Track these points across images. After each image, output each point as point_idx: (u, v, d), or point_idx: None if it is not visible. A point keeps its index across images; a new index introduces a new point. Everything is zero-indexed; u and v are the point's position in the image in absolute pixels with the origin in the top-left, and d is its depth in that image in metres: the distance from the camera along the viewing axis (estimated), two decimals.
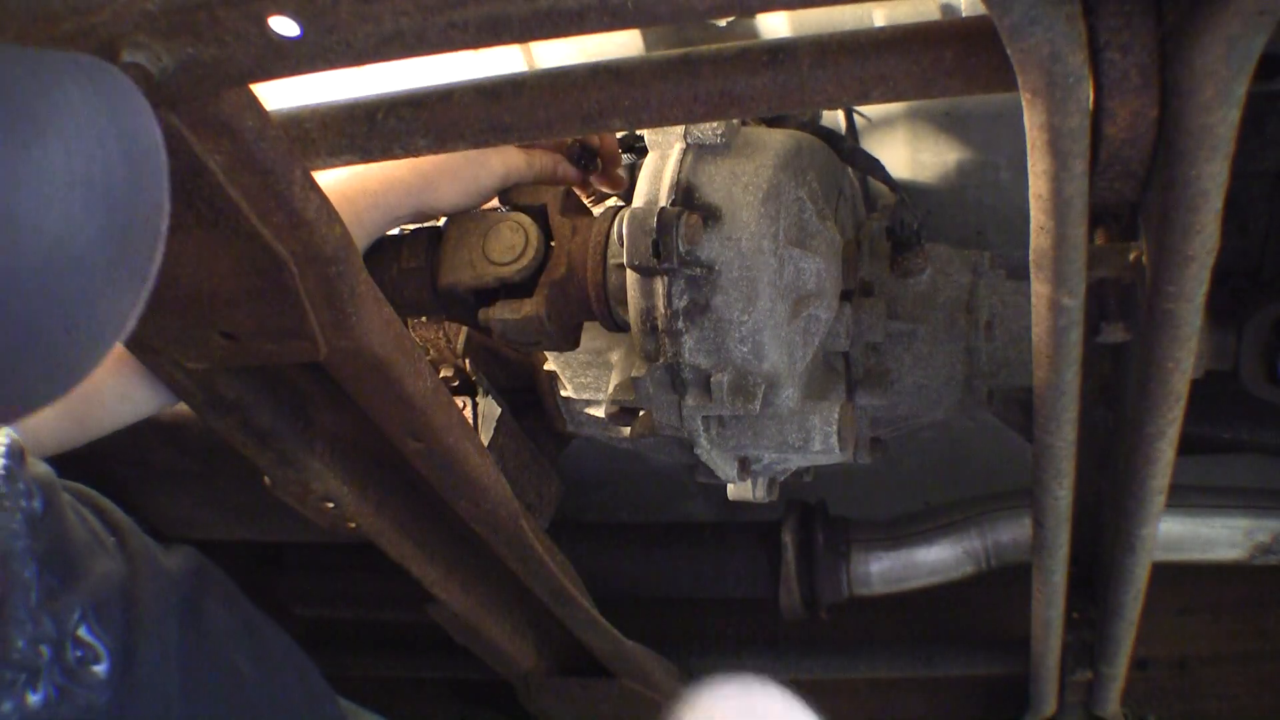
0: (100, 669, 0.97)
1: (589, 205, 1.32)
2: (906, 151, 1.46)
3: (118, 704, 0.96)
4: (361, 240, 1.23)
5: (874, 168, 1.39)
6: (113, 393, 1.12)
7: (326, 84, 0.93)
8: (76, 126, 0.59)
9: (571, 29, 0.71)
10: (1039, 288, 0.87)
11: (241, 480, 1.32)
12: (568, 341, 1.22)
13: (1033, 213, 0.81)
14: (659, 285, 1.12)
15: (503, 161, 1.22)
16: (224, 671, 1.11)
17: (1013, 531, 1.71)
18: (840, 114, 1.39)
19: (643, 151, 1.24)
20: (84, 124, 0.59)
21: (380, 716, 1.57)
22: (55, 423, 1.11)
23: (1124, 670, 1.59)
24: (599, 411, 1.33)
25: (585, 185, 1.32)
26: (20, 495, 0.94)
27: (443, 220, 1.29)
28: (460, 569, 1.42)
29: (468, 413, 1.38)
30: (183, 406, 1.14)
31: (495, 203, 1.29)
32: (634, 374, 1.18)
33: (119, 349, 1.02)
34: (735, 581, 1.85)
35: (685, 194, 1.13)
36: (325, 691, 1.28)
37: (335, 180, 1.13)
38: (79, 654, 0.96)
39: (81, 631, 0.97)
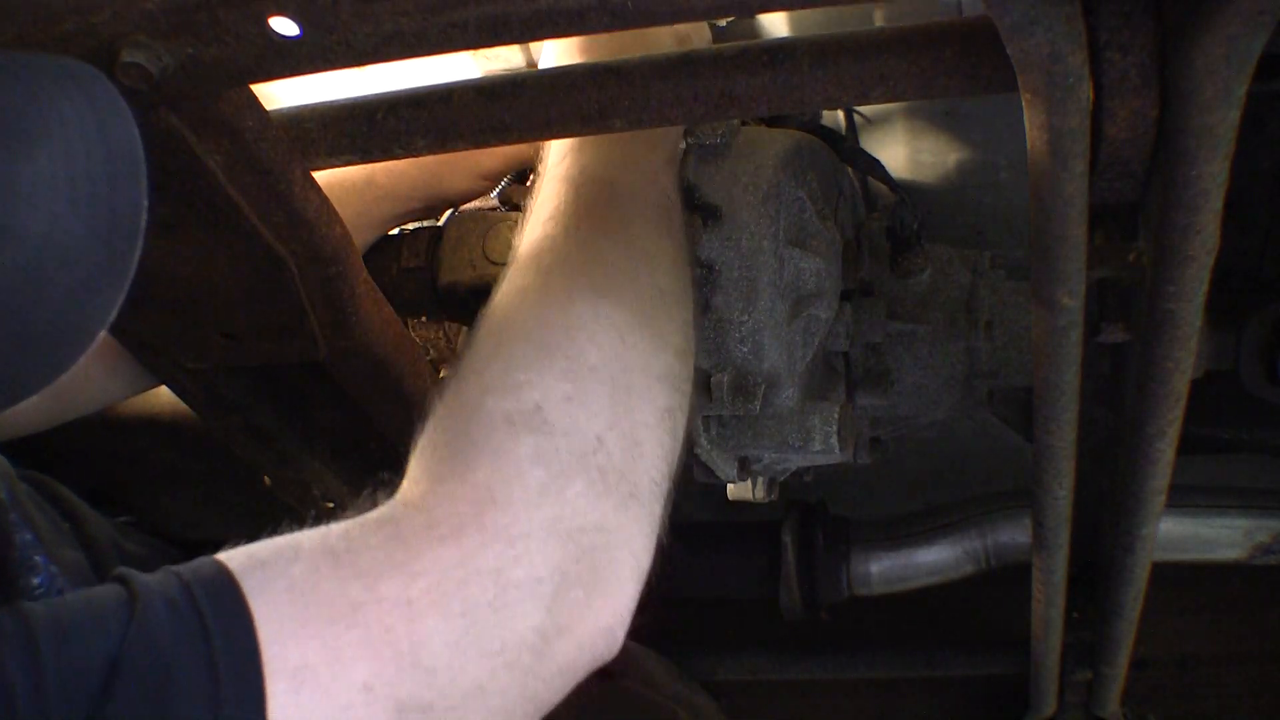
0: None
1: None
2: (906, 151, 1.45)
3: None
4: (371, 232, 1.24)
5: (874, 168, 1.39)
6: (100, 369, 1.13)
7: (327, 84, 0.93)
8: (66, 138, 0.63)
9: (571, 29, 0.71)
10: (1039, 288, 0.87)
11: (241, 480, 1.32)
12: None
13: (1033, 213, 0.81)
14: None
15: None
16: None
17: (1013, 531, 1.71)
18: (840, 114, 1.39)
19: None
20: (73, 135, 0.64)
21: None
22: (38, 400, 1.11)
23: (1124, 670, 1.59)
24: None
25: None
26: None
27: (443, 220, 1.29)
28: None
29: None
30: (183, 406, 1.14)
31: (495, 202, 1.29)
32: None
33: None
34: (735, 581, 1.85)
35: (685, 194, 1.13)
36: None
37: (343, 173, 1.14)
38: None
39: None
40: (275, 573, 0.72)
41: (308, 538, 0.77)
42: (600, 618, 0.83)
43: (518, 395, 0.84)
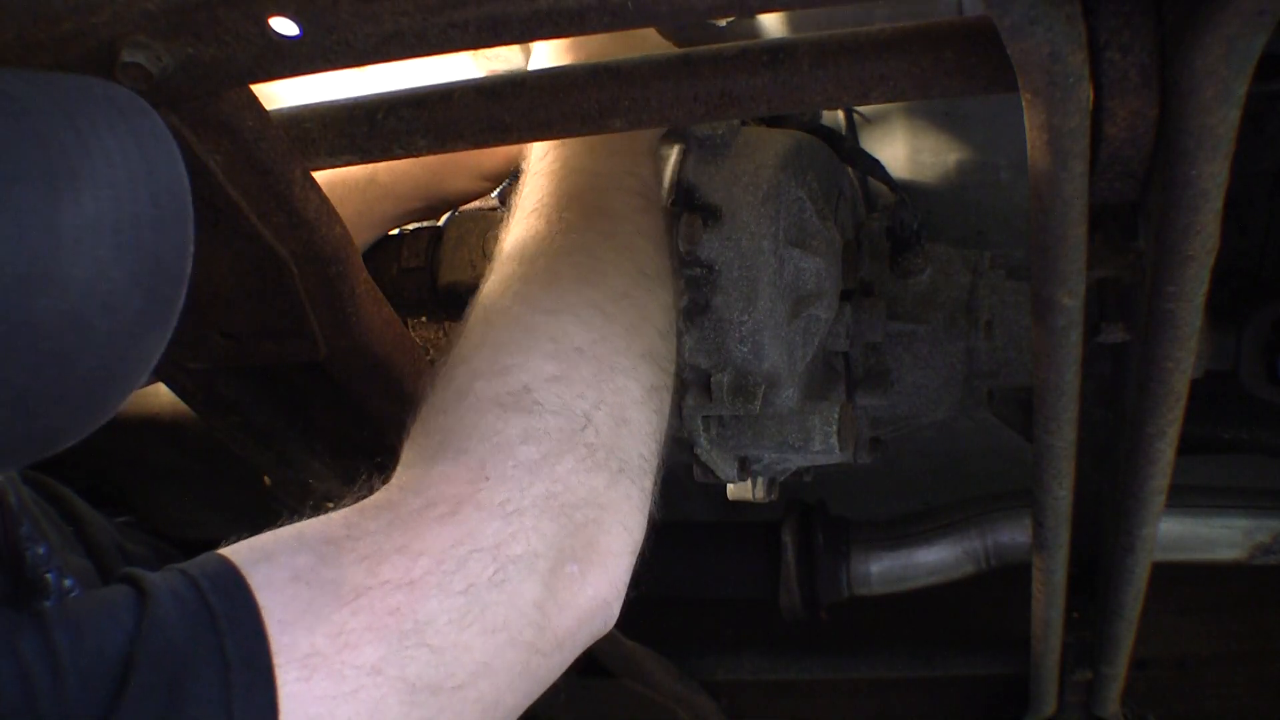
0: None
1: None
2: (906, 151, 1.45)
3: None
4: (371, 231, 1.25)
5: (874, 168, 1.39)
6: None
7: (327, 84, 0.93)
8: (112, 179, 0.62)
9: (571, 29, 0.71)
10: (1039, 288, 0.87)
11: (241, 480, 1.32)
12: None
13: (1032, 213, 0.81)
14: None
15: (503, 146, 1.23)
16: None
17: (1013, 531, 1.71)
18: (840, 114, 1.39)
19: None
20: (119, 175, 0.62)
21: None
22: None
23: (1124, 670, 1.58)
24: None
25: None
26: None
27: (443, 220, 1.29)
28: None
29: None
30: (183, 406, 1.14)
31: (495, 202, 1.29)
32: None
33: None
34: (735, 581, 1.85)
35: (685, 194, 1.13)
36: None
37: (344, 171, 1.14)
38: None
39: None
40: (280, 563, 0.73)
41: (309, 527, 0.78)
42: (597, 591, 0.84)
43: (506, 378, 0.86)
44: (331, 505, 1.21)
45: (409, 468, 0.85)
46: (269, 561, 0.73)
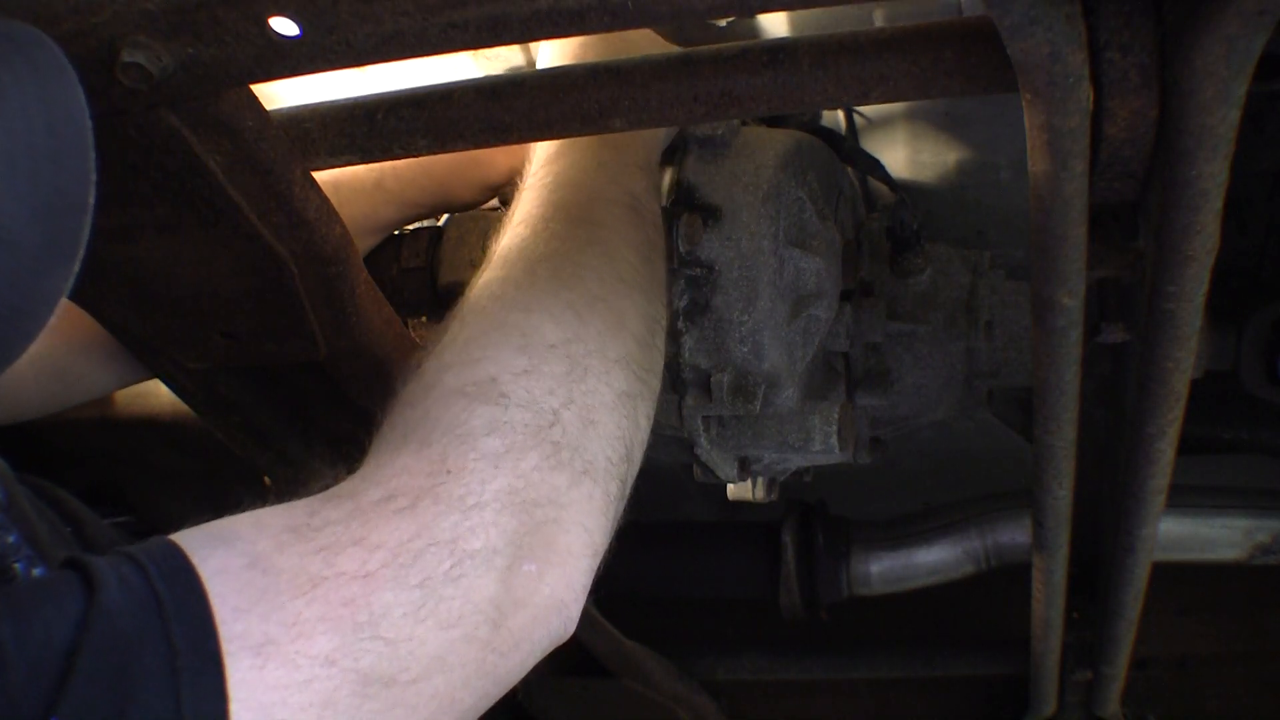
0: None
1: None
2: (906, 151, 1.45)
3: None
4: (375, 236, 1.25)
5: (874, 168, 1.39)
6: (102, 354, 1.13)
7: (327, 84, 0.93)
8: (3, 111, 0.60)
9: (571, 29, 0.71)
10: (1039, 288, 0.87)
11: (241, 480, 1.32)
12: None
13: (1032, 213, 0.81)
14: None
15: (508, 156, 1.23)
16: None
17: (1013, 531, 1.71)
18: (840, 114, 1.39)
19: None
20: (11, 107, 0.61)
21: None
22: (42, 385, 1.11)
23: (1124, 670, 1.58)
24: None
25: None
26: None
27: (443, 220, 1.30)
28: None
29: None
30: (183, 406, 1.14)
31: (495, 203, 1.29)
32: None
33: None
34: (735, 581, 1.85)
35: (685, 194, 1.13)
36: None
37: (352, 174, 1.14)
38: None
39: None
40: (238, 550, 0.73)
41: (270, 514, 0.78)
42: (554, 591, 0.83)
43: (473, 369, 0.86)
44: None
45: (374, 458, 0.85)
46: (226, 547, 0.73)
